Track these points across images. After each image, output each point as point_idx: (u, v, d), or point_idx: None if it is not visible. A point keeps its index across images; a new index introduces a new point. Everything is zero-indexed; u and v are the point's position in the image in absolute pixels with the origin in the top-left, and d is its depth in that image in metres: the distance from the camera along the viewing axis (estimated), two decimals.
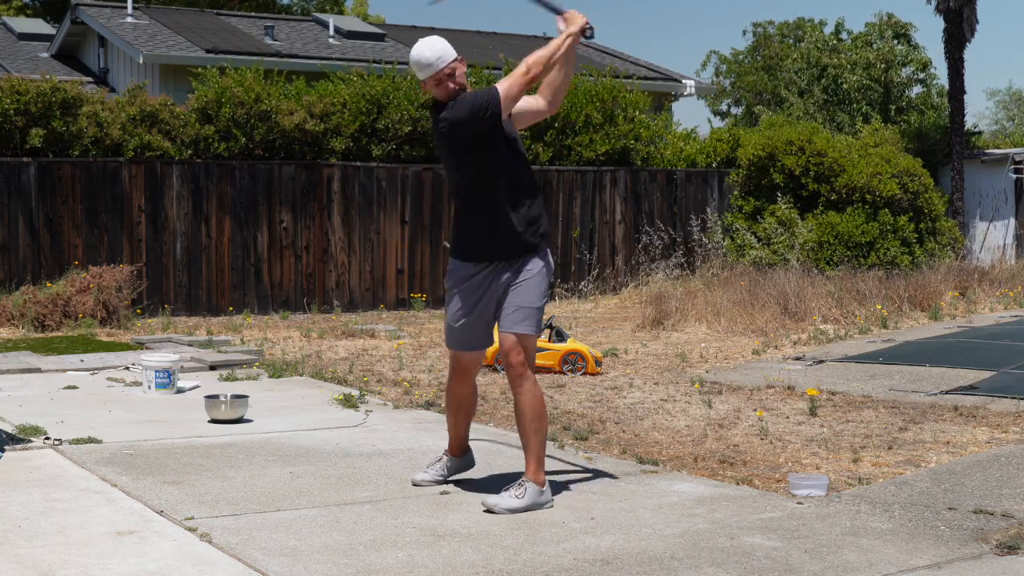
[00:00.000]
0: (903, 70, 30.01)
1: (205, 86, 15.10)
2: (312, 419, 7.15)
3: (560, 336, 9.56)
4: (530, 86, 5.05)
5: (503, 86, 4.96)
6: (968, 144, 21.25)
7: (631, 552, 4.33)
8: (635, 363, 10.11)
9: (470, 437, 5.53)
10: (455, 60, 5.03)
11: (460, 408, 5.34)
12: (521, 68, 4.98)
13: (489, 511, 4.84)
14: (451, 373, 5.29)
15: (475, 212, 5.03)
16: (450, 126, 4.97)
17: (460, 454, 5.44)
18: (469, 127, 4.93)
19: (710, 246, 17.58)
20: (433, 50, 5.00)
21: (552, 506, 4.98)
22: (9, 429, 6.58)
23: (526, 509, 4.87)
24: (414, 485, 5.33)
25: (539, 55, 5.01)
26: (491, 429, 6.85)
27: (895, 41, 30.50)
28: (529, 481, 4.94)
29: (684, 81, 23.62)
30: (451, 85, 5.02)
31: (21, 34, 24.41)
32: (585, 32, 5.10)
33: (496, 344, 5.44)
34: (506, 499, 4.87)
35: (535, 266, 5.05)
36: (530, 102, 5.26)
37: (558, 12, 5.20)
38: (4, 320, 12.51)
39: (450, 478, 5.39)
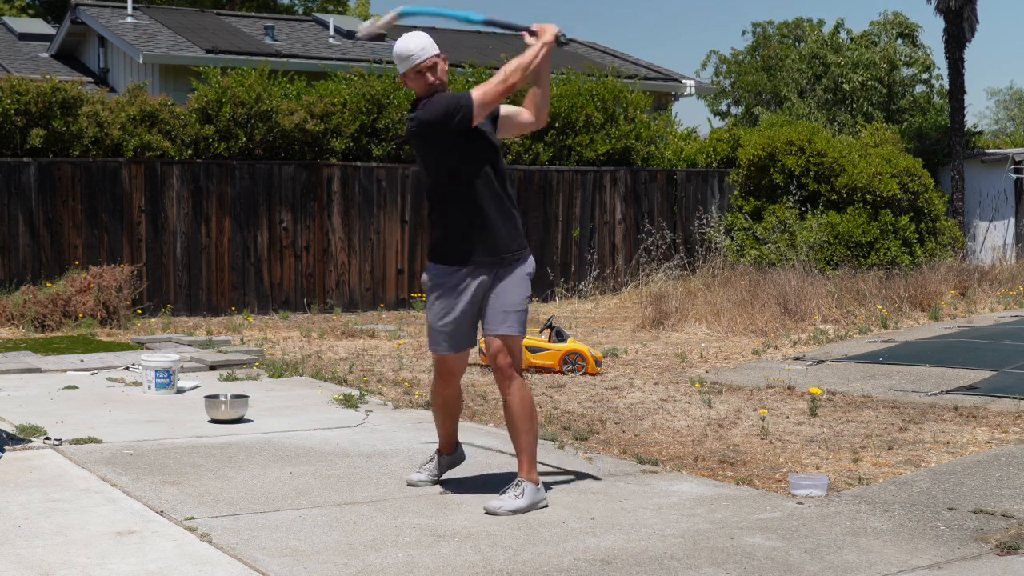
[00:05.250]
0: (905, 70, 30.01)
1: (207, 86, 15.10)
2: (312, 419, 7.15)
3: (560, 336, 9.56)
4: (508, 94, 4.95)
5: (478, 92, 4.88)
6: (968, 144, 21.25)
7: (631, 552, 4.33)
8: (635, 363, 10.11)
9: (473, 439, 5.53)
10: (437, 56, 5.00)
11: (447, 411, 5.35)
12: (498, 76, 4.91)
13: (491, 513, 4.84)
14: (436, 376, 5.26)
15: (449, 216, 4.99)
16: (419, 125, 4.93)
17: (451, 451, 5.47)
18: (439, 129, 4.87)
19: (710, 246, 17.58)
20: (415, 42, 4.97)
21: (547, 504, 4.98)
22: (9, 429, 6.58)
23: (528, 508, 4.87)
24: (409, 485, 5.34)
25: (515, 63, 4.93)
26: (491, 429, 6.85)
27: (899, 41, 30.48)
28: (525, 480, 4.95)
29: (684, 81, 23.61)
30: (430, 78, 4.97)
31: (21, 34, 24.41)
32: (559, 39, 5.05)
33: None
34: (508, 501, 4.88)
35: (516, 268, 5.04)
36: (515, 111, 5.23)
37: (524, 29, 5.13)
38: (4, 320, 12.51)
39: (443, 476, 5.42)
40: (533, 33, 5.10)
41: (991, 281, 14.99)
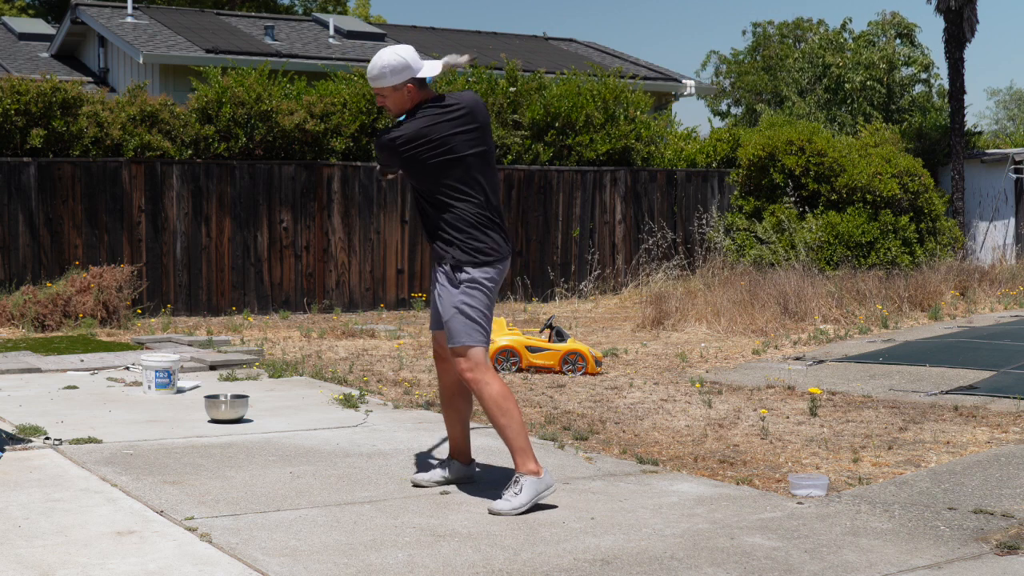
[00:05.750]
0: (904, 69, 30.02)
1: (207, 86, 15.10)
2: (312, 419, 7.15)
3: (560, 336, 9.56)
4: None
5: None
6: (968, 144, 21.24)
7: (631, 552, 4.33)
8: (635, 363, 10.11)
9: (472, 439, 5.51)
10: (388, 88, 5.15)
11: (450, 405, 5.34)
12: None
13: (496, 513, 4.83)
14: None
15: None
16: None
17: (464, 461, 5.40)
18: None
19: (710, 246, 17.58)
20: (371, 68, 5.15)
21: (553, 490, 4.97)
22: (9, 429, 6.58)
23: (530, 501, 4.86)
24: (414, 486, 5.33)
25: None
26: (490, 429, 6.85)
27: (897, 41, 30.49)
28: (522, 475, 4.93)
29: (684, 81, 23.63)
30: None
31: (21, 34, 24.42)
32: None
33: (497, 343, 5.47)
34: (508, 499, 4.87)
35: (440, 278, 5.09)
36: None
37: None
38: (4, 320, 12.51)
39: (449, 484, 5.37)
40: None
41: (991, 281, 14.99)
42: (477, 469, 5.48)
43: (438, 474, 5.36)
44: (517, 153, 16.68)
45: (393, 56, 5.05)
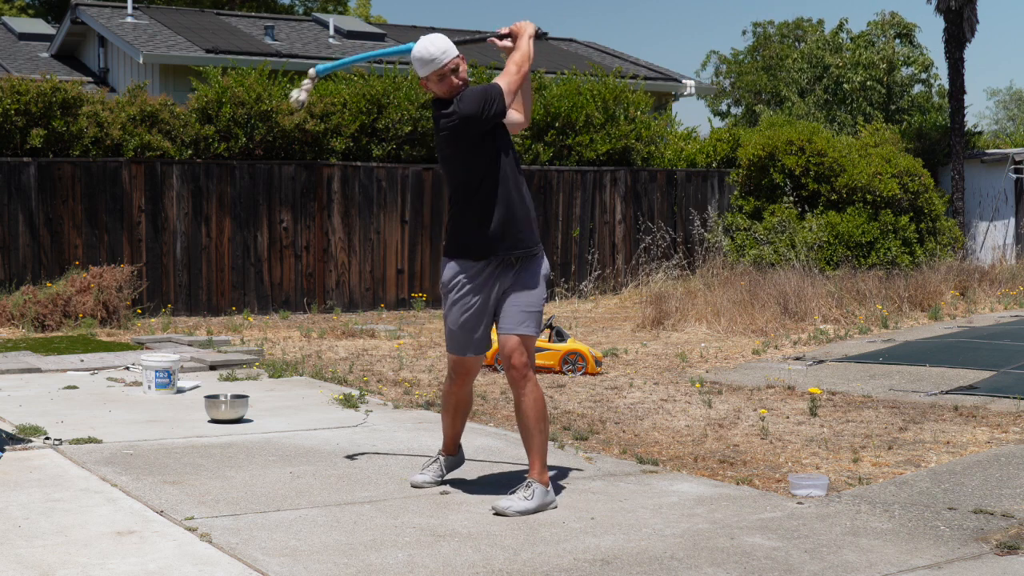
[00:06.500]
0: (904, 70, 30.03)
1: (207, 86, 15.10)
2: (312, 419, 7.15)
3: (560, 336, 9.56)
4: (523, 83, 5.19)
5: (503, 82, 5.04)
6: (968, 144, 21.24)
7: (631, 552, 4.33)
8: (635, 363, 10.11)
9: (473, 439, 5.54)
10: (458, 56, 5.04)
11: (459, 410, 5.36)
12: (511, 67, 5.08)
13: (500, 514, 4.83)
14: (451, 376, 5.27)
15: (480, 209, 4.99)
16: (461, 120, 4.93)
17: (455, 452, 5.48)
18: (477, 122, 4.93)
19: (710, 246, 17.58)
20: (436, 46, 4.99)
21: (556, 506, 4.98)
22: (9, 429, 6.58)
23: (537, 510, 4.87)
24: (413, 487, 5.34)
25: (519, 55, 5.11)
26: (491, 429, 6.85)
27: (897, 41, 30.51)
28: (535, 481, 4.94)
29: (684, 81, 23.63)
30: (455, 80, 5.01)
31: (21, 34, 24.42)
32: (539, 33, 5.27)
33: (496, 345, 5.48)
34: (516, 501, 4.87)
35: (535, 266, 5.10)
36: (511, 113, 5.30)
37: (491, 36, 5.33)
38: (4, 320, 12.51)
39: (447, 476, 5.42)
40: (505, 36, 5.28)
41: (991, 281, 14.99)
42: (464, 453, 5.57)
43: (434, 471, 5.40)
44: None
45: (433, 36, 5.08)
